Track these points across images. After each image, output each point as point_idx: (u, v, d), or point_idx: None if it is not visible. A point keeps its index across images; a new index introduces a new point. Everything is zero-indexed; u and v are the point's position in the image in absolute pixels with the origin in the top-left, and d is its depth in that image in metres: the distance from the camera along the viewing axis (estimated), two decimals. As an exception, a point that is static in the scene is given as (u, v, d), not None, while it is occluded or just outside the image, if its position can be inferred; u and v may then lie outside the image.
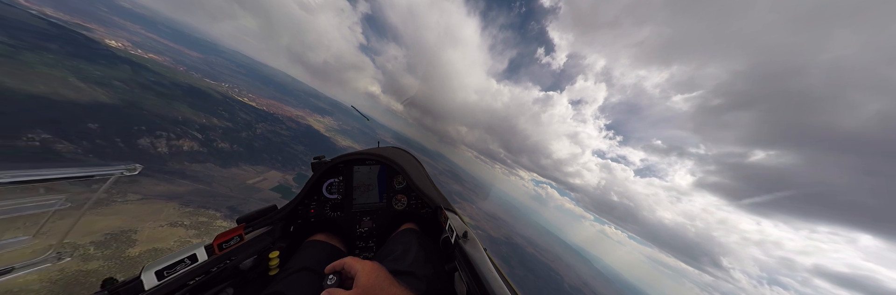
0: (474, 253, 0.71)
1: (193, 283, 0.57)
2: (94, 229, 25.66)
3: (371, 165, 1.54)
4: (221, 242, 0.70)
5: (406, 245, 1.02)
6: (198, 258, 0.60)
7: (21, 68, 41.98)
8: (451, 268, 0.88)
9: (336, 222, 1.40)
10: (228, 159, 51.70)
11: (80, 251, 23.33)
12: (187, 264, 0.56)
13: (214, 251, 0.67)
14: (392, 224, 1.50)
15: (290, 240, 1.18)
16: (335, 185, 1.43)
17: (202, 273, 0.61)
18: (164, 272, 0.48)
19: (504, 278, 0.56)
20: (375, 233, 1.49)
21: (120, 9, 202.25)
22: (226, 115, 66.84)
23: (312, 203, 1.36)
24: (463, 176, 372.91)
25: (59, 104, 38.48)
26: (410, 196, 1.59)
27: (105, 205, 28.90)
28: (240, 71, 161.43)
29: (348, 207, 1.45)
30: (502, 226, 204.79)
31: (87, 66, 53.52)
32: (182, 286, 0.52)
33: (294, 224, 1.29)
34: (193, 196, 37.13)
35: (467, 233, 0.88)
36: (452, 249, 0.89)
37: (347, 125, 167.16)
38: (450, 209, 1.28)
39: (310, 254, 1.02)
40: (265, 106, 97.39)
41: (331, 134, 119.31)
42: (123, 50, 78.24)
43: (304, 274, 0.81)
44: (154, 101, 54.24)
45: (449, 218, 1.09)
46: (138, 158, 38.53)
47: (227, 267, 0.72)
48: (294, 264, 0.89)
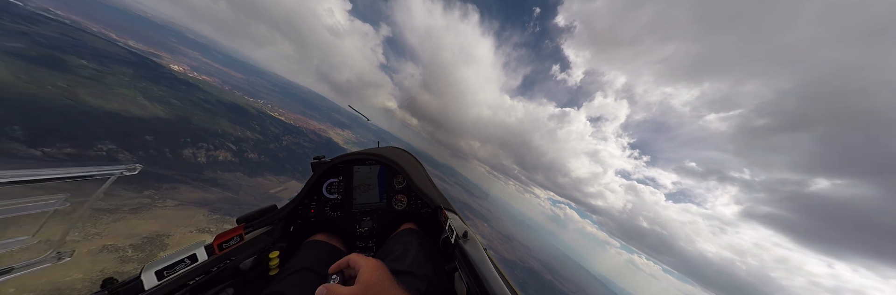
0: (474, 253, 0.71)
1: (193, 283, 0.57)
2: (135, 232, 28.39)
3: (371, 165, 1.53)
4: (221, 241, 0.69)
5: (406, 245, 1.03)
6: (198, 258, 0.60)
7: (103, 89, 50.33)
8: (451, 268, 0.88)
9: (336, 222, 1.40)
10: (256, 169, 56.02)
11: (119, 253, 25.26)
12: (187, 264, 0.55)
13: (214, 251, 0.67)
14: (392, 224, 1.49)
15: (290, 240, 1.18)
16: (335, 185, 1.43)
17: (202, 273, 0.60)
18: (164, 272, 0.48)
19: (504, 278, 0.55)
20: (375, 233, 1.49)
21: (186, 39, 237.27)
22: (257, 129, 73.53)
23: (312, 203, 1.36)
24: (475, 192, 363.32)
25: (126, 119, 45.19)
26: (410, 196, 1.58)
27: (147, 209, 32.21)
28: (274, 89, 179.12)
29: (348, 207, 1.44)
30: (517, 248, 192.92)
31: (152, 87, 62.74)
32: (182, 286, 0.52)
33: (294, 224, 1.29)
34: (222, 204, 40.29)
35: (467, 233, 0.89)
36: (452, 249, 0.89)
37: (364, 138, 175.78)
38: (450, 209, 1.28)
39: (310, 254, 1.02)
40: (292, 120, 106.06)
41: (348, 146, 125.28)
42: (183, 73, 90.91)
43: (304, 274, 0.81)
44: (200, 116, 61.47)
45: (449, 218, 1.09)
46: (181, 166, 43.19)
47: (227, 267, 0.72)
48: (294, 264, 0.89)
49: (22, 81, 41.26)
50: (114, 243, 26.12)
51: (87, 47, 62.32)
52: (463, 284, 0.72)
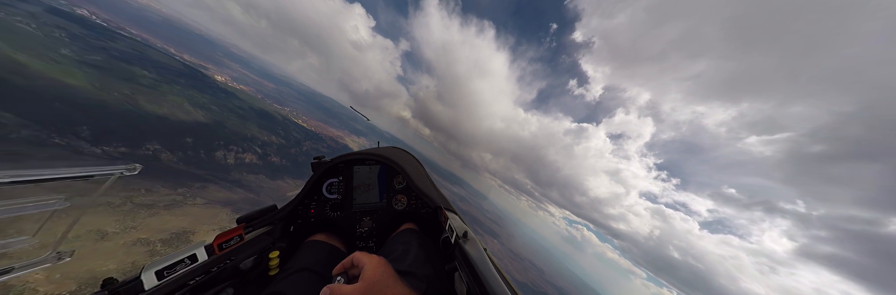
0: (474, 253, 0.71)
1: (193, 283, 0.57)
2: (165, 228, 30.66)
3: (371, 165, 1.53)
4: (221, 242, 0.69)
5: (406, 245, 1.03)
6: (198, 258, 0.60)
7: (158, 96, 57.11)
8: (451, 268, 0.88)
9: (336, 222, 1.40)
10: (277, 172, 59.51)
11: (150, 247, 26.84)
12: (187, 264, 0.55)
13: (214, 251, 0.67)
14: (392, 224, 1.49)
15: (290, 240, 1.18)
16: (335, 185, 1.43)
17: (202, 273, 0.60)
18: (165, 272, 0.48)
19: (504, 278, 0.55)
20: (375, 233, 1.49)
21: (230, 53, 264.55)
22: (282, 134, 78.84)
23: (312, 203, 1.36)
24: (485, 206, 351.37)
25: (172, 123, 50.67)
26: (410, 196, 1.58)
27: (178, 206, 34.99)
28: (300, 98, 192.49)
29: (348, 207, 1.44)
30: (529, 269, 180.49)
31: (198, 95, 70.13)
32: (182, 286, 0.52)
33: (294, 224, 1.29)
34: (243, 204, 42.95)
35: (467, 233, 0.88)
36: (452, 249, 0.88)
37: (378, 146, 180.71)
38: (450, 209, 1.27)
39: (310, 254, 1.02)
40: (314, 127, 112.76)
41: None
42: (224, 83, 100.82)
43: (304, 274, 0.81)
44: (234, 122, 67.28)
45: (449, 218, 1.09)
46: (212, 167, 47.06)
47: (227, 267, 0.72)
48: (294, 264, 0.89)
49: (96, 88, 48.05)
50: (147, 237, 28.27)
51: (149, 60, 71.85)
52: (463, 284, 0.72)
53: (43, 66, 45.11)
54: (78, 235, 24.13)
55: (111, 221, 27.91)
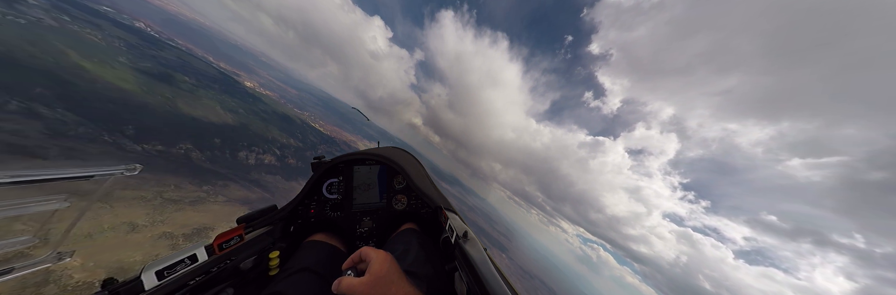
0: (474, 253, 0.71)
1: (193, 283, 0.57)
2: (189, 223, 32.47)
3: (371, 165, 1.53)
4: (221, 242, 0.69)
5: (406, 245, 1.04)
6: (198, 258, 0.60)
7: (194, 100, 62.44)
8: (451, 268, 0.88)
9: (336, 222, 1.40)
10: (292, 174, 62.23)
11: (173, 241, 27.75)
12: (187, 264, 0.55)
13: (214, 251, 0.66)
14: (392, 224, 1.49)
15: (290, 240, 1.18)
16: (335, 185, 1.43)
17: (202, 273, 0.60)
18: (165, 272, 0.47)
19: (504, 278, 0.55)
20: (375, 233, 1.49)
21: (259, 61, 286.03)
22: (300, 137, 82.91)
23: (312, 203, 1.36)
24: (494, 217, 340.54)
25: (204, 124, 55.02)
26: (410, 196, 1.58)
27: (202, 203, 37.22)
28: (319, 104, 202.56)
29: (348, 207, 1.44)
30: (540, 289, 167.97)
31: (229, 99, 75.89)
32: (182, 286, 0.52)
33: (294, 224, 1.29)
34: (259, 203, 44.82)
35: (467, 233, 0.88)
36: (452, 249, 0.88)
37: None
38: (450, 209, 1.28)
39: (310, 254, 1.02)
40: (329, 131, 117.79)
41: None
42: (252, 88, 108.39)
43: (304, 274, 0.80)
44: (258, 124, 71.81)
45: (449, 218, 1.09)
46: (235, 166, 50.17)
47: (227, 267, 0.72)
48: (294, 264, 0.89)
49: (143, 91, 53.44)
50: (172, 231, 29.99)
51: (190, 67, 79.23)
52: (463, 284, 0.72)
53: (102, 72, 51.03)
54: (113, 226, 26.28)
55: (142, 215, 30.10)
